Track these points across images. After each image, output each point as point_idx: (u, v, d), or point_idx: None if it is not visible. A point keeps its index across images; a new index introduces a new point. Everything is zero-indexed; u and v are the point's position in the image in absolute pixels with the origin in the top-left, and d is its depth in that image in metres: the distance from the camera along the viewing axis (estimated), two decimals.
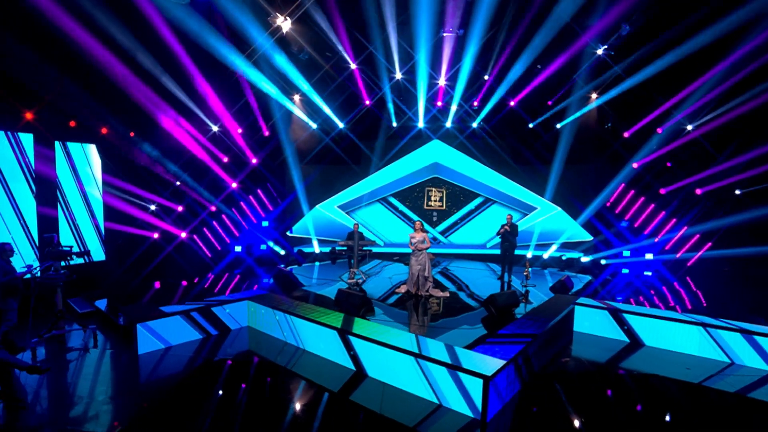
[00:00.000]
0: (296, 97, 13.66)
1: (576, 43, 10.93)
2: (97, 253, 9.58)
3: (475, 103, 14.24)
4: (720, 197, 12.20)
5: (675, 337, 6.55)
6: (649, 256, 12.84)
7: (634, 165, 12.76)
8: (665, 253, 12.76)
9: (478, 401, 4.48)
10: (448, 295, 8.95)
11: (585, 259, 13.19)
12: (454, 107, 14.67)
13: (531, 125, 13.95)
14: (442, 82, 13.17)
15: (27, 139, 7.96)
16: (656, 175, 12.73)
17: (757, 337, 5.96)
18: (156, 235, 11.51)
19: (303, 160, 14.09)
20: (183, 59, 9.38)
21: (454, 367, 4.68)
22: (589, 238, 13.66)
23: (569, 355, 6.39)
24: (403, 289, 9.01)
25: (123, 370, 5.72)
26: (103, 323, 7.34)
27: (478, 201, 14.64)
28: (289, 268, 11.61)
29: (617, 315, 7.02)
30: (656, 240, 12.82)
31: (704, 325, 6.36)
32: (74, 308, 7.75)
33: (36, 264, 6.47)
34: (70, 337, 6.71)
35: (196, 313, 6.77)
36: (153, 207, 11.44)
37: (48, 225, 8.21)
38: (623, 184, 13.11)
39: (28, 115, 7.86)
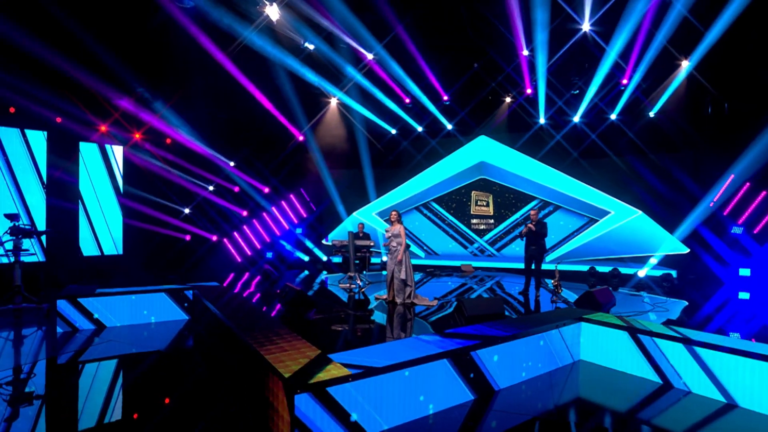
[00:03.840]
0: (333, 100, 13.44)
1: None
2: (115, 248, 10.28)
3: (528, 91, 12.16)
4: None
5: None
6: None
7: None
8: None
9: None
10: (435, 304, 7.24)
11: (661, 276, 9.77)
12: (507, 99, 12.83)
13: (613, 117, 11.25)
14: None
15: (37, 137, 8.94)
16: None
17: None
18: (188, 238, 12.06)
19: (338, 164, 13.64)
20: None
21: None
22: (684, 249, 10.14)
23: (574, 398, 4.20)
24: (382, 297, 7.61)
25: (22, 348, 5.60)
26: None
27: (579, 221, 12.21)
28: (324, 276, 11.09)
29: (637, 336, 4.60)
30: None
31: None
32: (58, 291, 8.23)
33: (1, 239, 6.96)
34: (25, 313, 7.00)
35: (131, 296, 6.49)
36: (187, 210, 12.06)
37: (64, 217, 9.05)
38: (732, 176, 9.52)
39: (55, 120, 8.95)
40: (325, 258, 13.32)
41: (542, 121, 12.17)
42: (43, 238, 8.54)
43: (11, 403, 3.75)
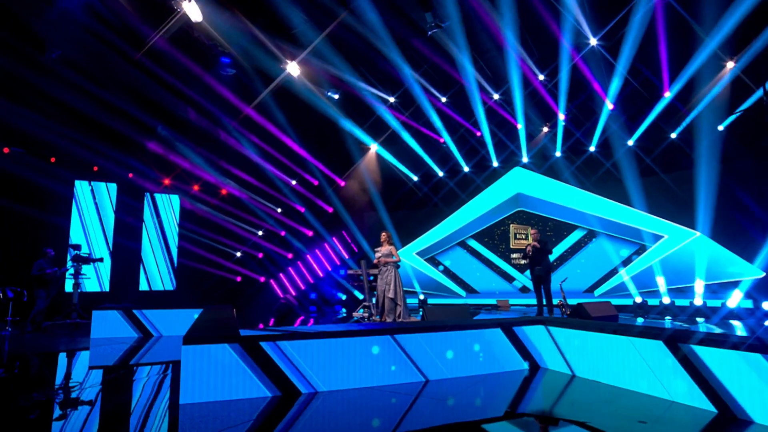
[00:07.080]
0: (373, 147, 14.27)
1: None
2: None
3: (561, 117, 11.73)
4: None
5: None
6: None
7: None
8: None
9: None
10: None
11: (733, 302, 8.08)
12: (545, 131, 12.49)
13: (674, 135, 10.33)
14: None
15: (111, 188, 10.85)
16: None
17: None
18: (239, 279, 13.20)
19: (377, 207, 14.14)
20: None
21: None
22: (760, 273, 8.41)
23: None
24: (376, 320, 7.53)
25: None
26: None
27: (577, 235, 11.28)
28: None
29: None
30: None
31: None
32: None
33: (67, 266, 8.46)
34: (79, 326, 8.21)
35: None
36: (238, 254, 13.32)
37: (127, 255, 10.69)
38: None
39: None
40: (362, 296, 13.47)
41: (593, 149, 11.51)
42: (108, 271, 10.16)
43: None
